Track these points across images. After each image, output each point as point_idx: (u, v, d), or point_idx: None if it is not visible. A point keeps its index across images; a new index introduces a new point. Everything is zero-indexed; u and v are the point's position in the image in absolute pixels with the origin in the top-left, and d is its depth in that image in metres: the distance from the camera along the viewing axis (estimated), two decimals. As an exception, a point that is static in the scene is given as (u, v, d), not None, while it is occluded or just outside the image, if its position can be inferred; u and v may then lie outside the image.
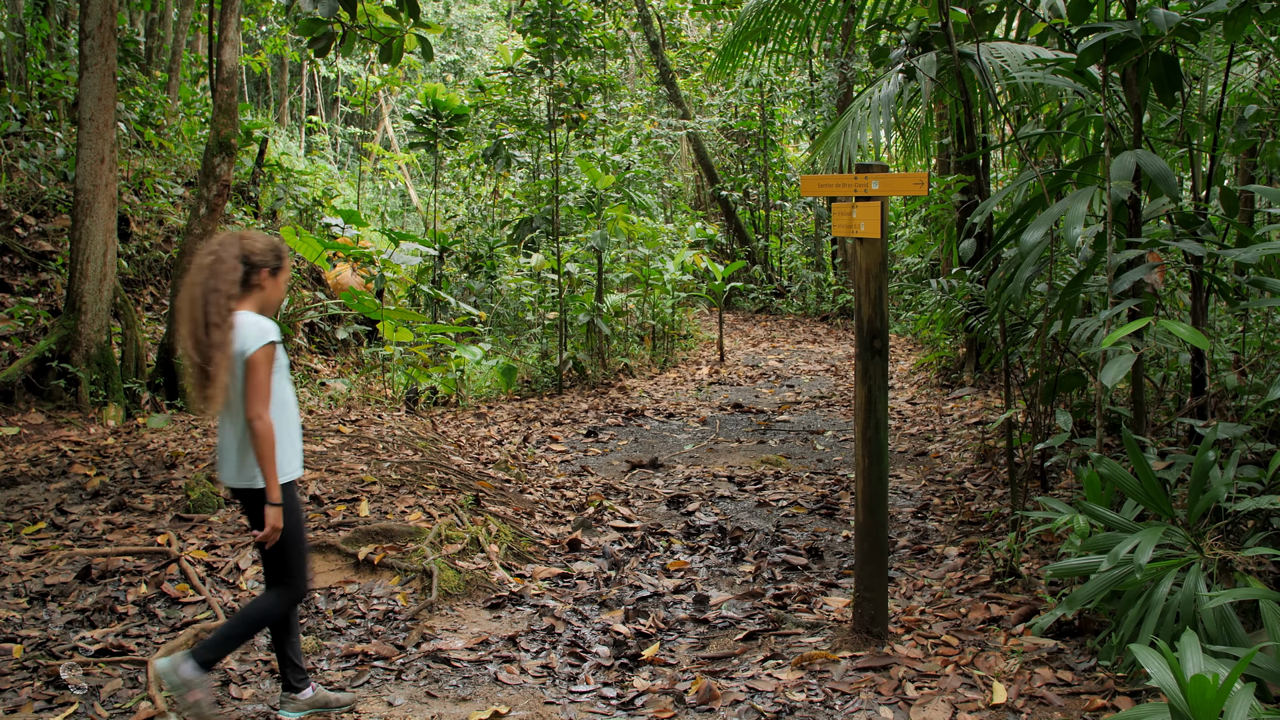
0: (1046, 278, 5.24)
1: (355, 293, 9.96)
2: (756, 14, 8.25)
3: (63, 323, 7.92)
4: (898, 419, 9.72)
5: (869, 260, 4.27)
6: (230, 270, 3.68)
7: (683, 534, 6.45)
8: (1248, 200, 6.54)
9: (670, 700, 4.06)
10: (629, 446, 9.01)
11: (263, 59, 18.86)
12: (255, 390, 3.63)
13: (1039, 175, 4.84)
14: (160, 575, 5.01)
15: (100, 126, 7.82)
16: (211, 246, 3.76)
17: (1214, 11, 4.10)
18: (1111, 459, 4.19)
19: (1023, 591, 4.79)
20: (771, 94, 20.25)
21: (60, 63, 11.43)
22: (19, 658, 4.23)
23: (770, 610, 5.01)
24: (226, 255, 3.71)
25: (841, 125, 7.66)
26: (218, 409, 3.68)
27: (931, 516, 6.55)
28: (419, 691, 4.18)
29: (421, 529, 5.69)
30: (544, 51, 11.81)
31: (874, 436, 4.34)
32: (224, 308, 3.63)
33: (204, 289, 3.64)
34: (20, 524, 5.57)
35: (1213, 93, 6.51)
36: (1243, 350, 5.73)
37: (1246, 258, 4.06)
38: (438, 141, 14.22)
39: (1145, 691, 3.64)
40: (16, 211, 9.46)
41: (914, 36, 6.49)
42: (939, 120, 11.04)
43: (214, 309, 3.61)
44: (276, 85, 27.16)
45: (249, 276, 3.76)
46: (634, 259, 13.70)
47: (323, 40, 7.36)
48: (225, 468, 3.79)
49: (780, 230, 21.59)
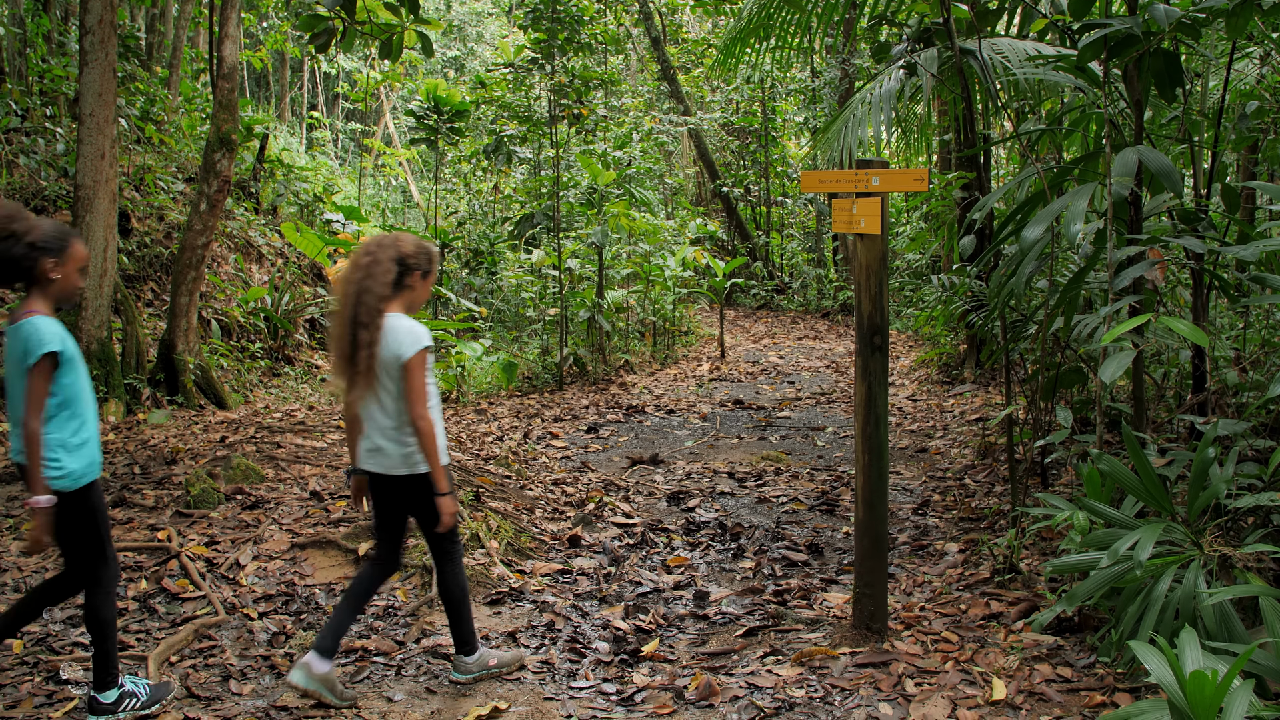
0: (1047, 274, 5.24)
1: (356, 289, 9.94)
2: (758, 10, 8.24)
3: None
4: (898, 415, 9.72)
5: (869, 256, 4.26)
6: (385, 272, 3.83)
7: (683, 530, 6.46)
8: (1249, 197, 6.53)
9: (670, 696, 4.06)
10: (629, 443, 9.01)
11: (264, 55, 18.86)
12: (416, 393, 3.83)
13: (1040, 171, 4.83)
14: (160, 571, 5.02)
15: (101, 122, 7.82)
16: (368, 247, 3.91)
17: (1215, 7, 4.10)
18: (1112, 455, 4.19)
19: (1022, 588, 4.79)
20: (773, 90, 20.23)
21: (61, 58, 11.43)
22: (19, 653, 4.24)
23: (770, 606, 5.01)
24: (383, 257, 3.85)
25: (842, 120, 7.65)
26: (359, 405, 3.90)
27: (932, 513, 6.55)
28: (419, 687, 4.18)
29: (422, 525, 5.69)
30: (545, 47, 11.80)
31: (874, 433, 4.34)
32: (375, 308, 3.80)
33: (358, 288, 3.80)
34: (20, 520, 5.57)
35: (1214, 89, 6.51)
36: (1243, 347, 5.72)
37: (1247, 254, 4.06)
38: (439, 137, 14.21)
39: (1145, 688, 3.64)
40: (17, 207, 9.46)
41: (915, 32, 6.49)
42: (940, 116, 11.03)
43: (364, 309, 3.78)
44: (277, 81, 27.15)
45: (402, 278, 3.92)
46: (635, 255, 13.70)
47: (323, 36, 7.36)
48: (375, 459, 3.95)
49: (781, 226, 21.58)
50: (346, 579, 5.18)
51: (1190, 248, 4.34)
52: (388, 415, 3.91)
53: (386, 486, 4.01)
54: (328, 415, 8.14)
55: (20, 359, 3.55)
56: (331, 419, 7.97)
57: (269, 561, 5.27)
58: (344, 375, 3.89)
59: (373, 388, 3.85)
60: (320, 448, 6.91)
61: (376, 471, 3.97)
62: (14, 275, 3.62)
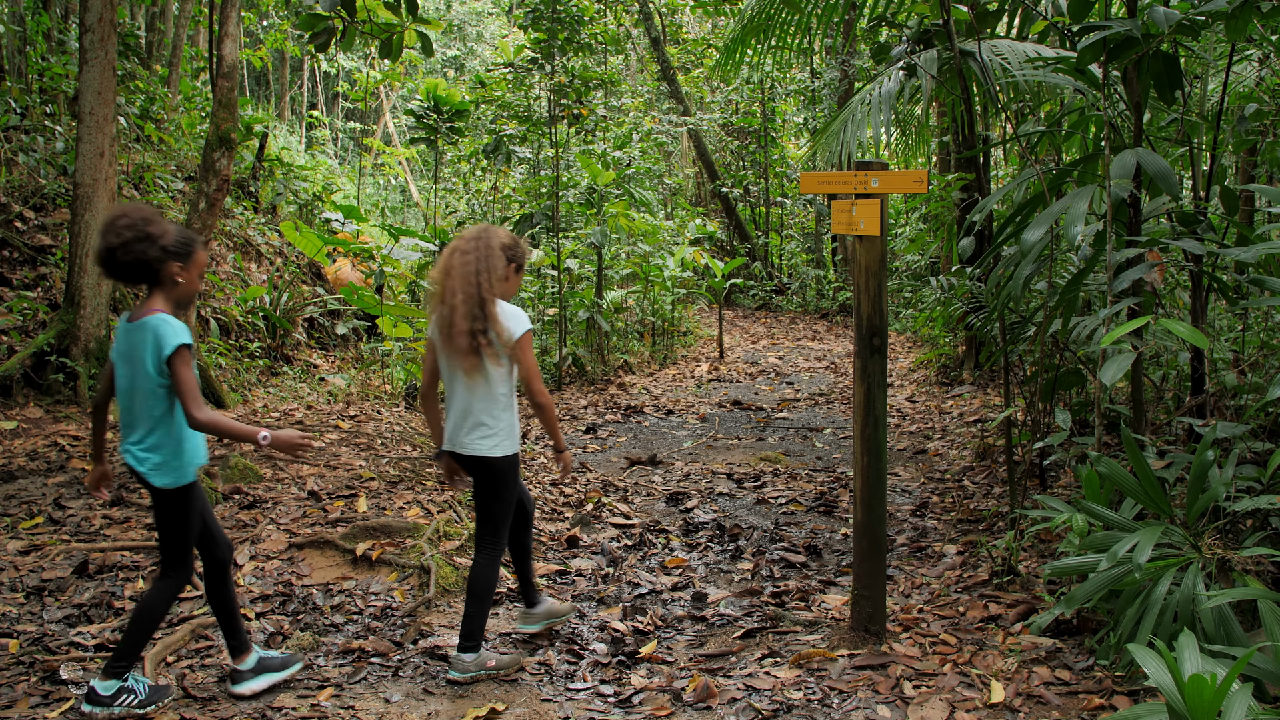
0: (1046, 276, 5.23)
1: (355, 288, 9.95)
2: (758, 10, 8.24)
3: (62, 317, 7.92)
4: (897, 417, 9.72)
5: (868, 258, 4.26)
6: (497, 259, 4.07)
7: (681, 531, 6.45)
8: (1248, 199, 6.53)
9: (668, 698, 4.06)
10: (628, 443, 9.01)
11: (263, 54, 18.84)
12: (530, 370, 4.11)
13: (1039, 173, 4.83)
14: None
15: (100, 121, 7.81)
16: (473, 235, 4.11)
17: (1215, 10, 4.09)
18: (1110, 458, 4.19)
19: (1021, 590, 4.78)
20: (772, 91, 20.24)
21: (60, 57, 11.41)
22: (15, 653, 4.23)
23: (768, 608, 5.01)
24: (494, 245, 4.08)
25: (841, 121, 7.65)
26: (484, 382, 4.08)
27: (930, 514, 6.54)
28: (416, 688, 4.17)
29: (419, 525, 5.69)
30: (545, 47, 11.79)
31: (873, 434, 4.34)
32: (492, 291, 4.02)
33: (475, 273, 4.00)
34: (18, 518, 5.56)
35: (1213, 91, 6.50)
36: (1242, 349, 5.72)
37: (1246, 257, 4.06)
38: (438, 137, 14.21)
39: (1143, 691, 3.63)
40: (16, 205, 9.45)
41: (915, 33, 6.48)
42: (939, 118, 11.03)
43: (486, 289, 4.00)
44: (277, 80, 27.15)
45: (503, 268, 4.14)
46: (634, 255, 13.69)
47: (323, 35, 7.35)
48: (463, 438, 4.14)
49: (780, 227, 21.57)
50: (344, 579, 5.18)
51: (1189, 250, 4.33)
52: (486, 398, 4.10)
53: (470, 466, 4.22)
54: (326, 415, 8.13)
55: (149, 354, 3.65)
56: (329, 419, 7.96)
57: (266, 561, 5.26)
58: (447, 354, 4.07)
59: (479, 369, 4.04)
60: (319, 447, 6.90)
61: (460, 453, 4.17)
62: (143, 276, 3.73)
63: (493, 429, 4.13)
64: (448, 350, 4.07)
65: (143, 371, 3.69)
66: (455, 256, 4.07)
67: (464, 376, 4.07)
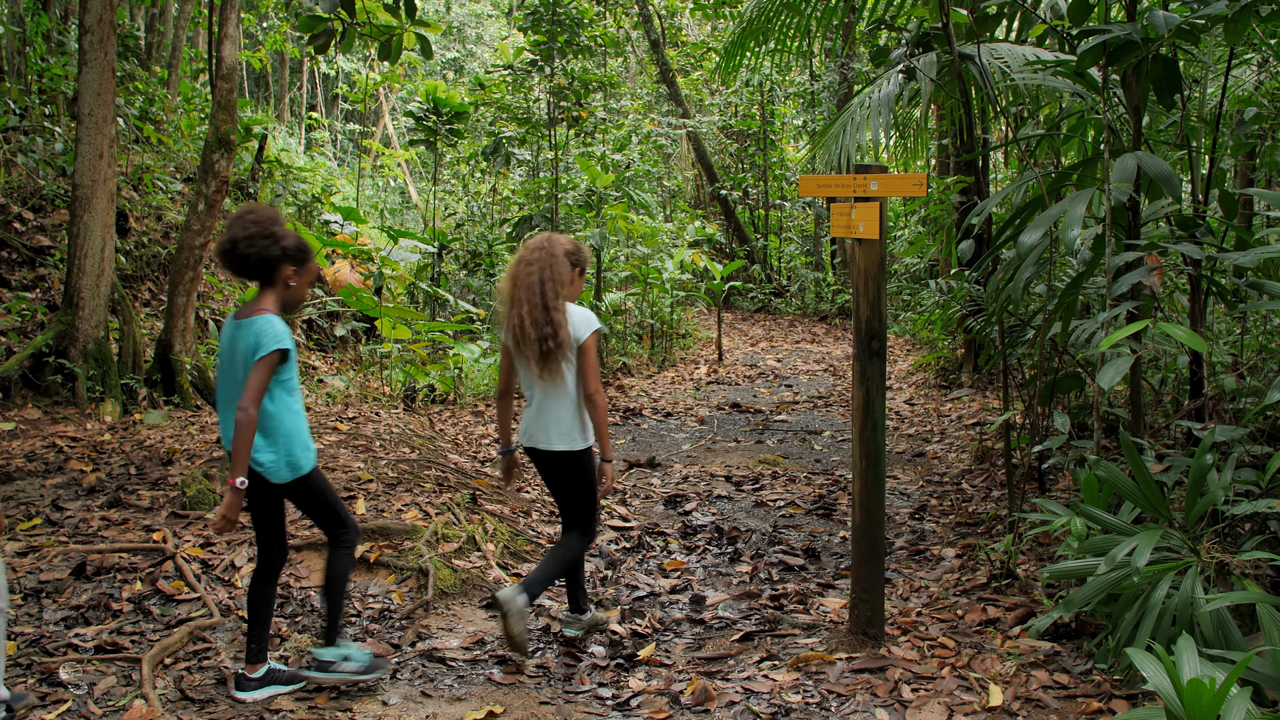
0: (1045, 279, 5.23)
1: (354, 290, 9.95)
2: (758, 13, 8.25)
3: (60, 318, 7.91)
4: (895, 420, 9.72)
5: (867, 261, 4.26)
6: (562, 265, 4.31)
7: (680, 534, 6.45)
8: (1247, 203, 6.54)
9: (666, 701, 4.05)
10: (626, 445, 9.00)
11: (263, 55, 18.85)
12: (591, 370, 4.34)
13: (1038, 177, 4.83)
14: (155, 572, 5.00)
15: (99, 122, 7.81)
16: (538, 244, 4.36)
17: (1214, 14, 4.10)
18: (1109, 461, 4.19)
19: (1019, 594, 4.78)
20: (772, 93, 20.25)
21: (60, 58, 11.41)
22: (13, 654, 4.22)
23: (767, 611, 5.00)
24: (558, 252, 4.32)
25: (840, 124, 7.65)
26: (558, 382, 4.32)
27: (929, 518, 6.54)
28: (414, 691, 4.17)
29: (418, 527, 5.68)
30: (544, 49, 11.80)
31: (871, 437, 4.33)
32: (560, 295, 4.28)
33: (540, 279, 4.26)
34: (16, 520, 5.56)
35: (1212, 95, 6.51)
36: (1241, 353, 5.72)
37: (1245, 261, 4.06)
38: (437, 139, 14.20)
39: (1142, 695, 3.63)
40: (15, 206, 9.45)
41: (914, 37, 6.48)
42: (939, 121, 11.04)
43: (551, 296, 4.25)
44: (276, 82, 27.15)
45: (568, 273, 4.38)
46: (633, 258, 13.69)
47: (323, 37, 7.36)
48: (542, 434, 4.39)
49: (779, 230, 21.58)
50: (342, 581, 5.17)
51: (1188, 254, 4.33)
52: (560, 396, 4.35)
53: (547, 461, 4.45)
54: (324, 416, 8.12)
55: (250, 351, 3.77)
56: (328, 420, 7.95)
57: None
58: (521, 358, 4.33)
59: (553, 369, 4.28)
60: (317, 449, 6.88)
61: (541, 448, 4.41)
62: (260, 273, 3.88)
63: (572, 424, 4.37)
64: (521, 355, 4.33)
65: (244, 367, 3.79)
66: (521, 267, 4.32)
67: (539, 378, 4.33)
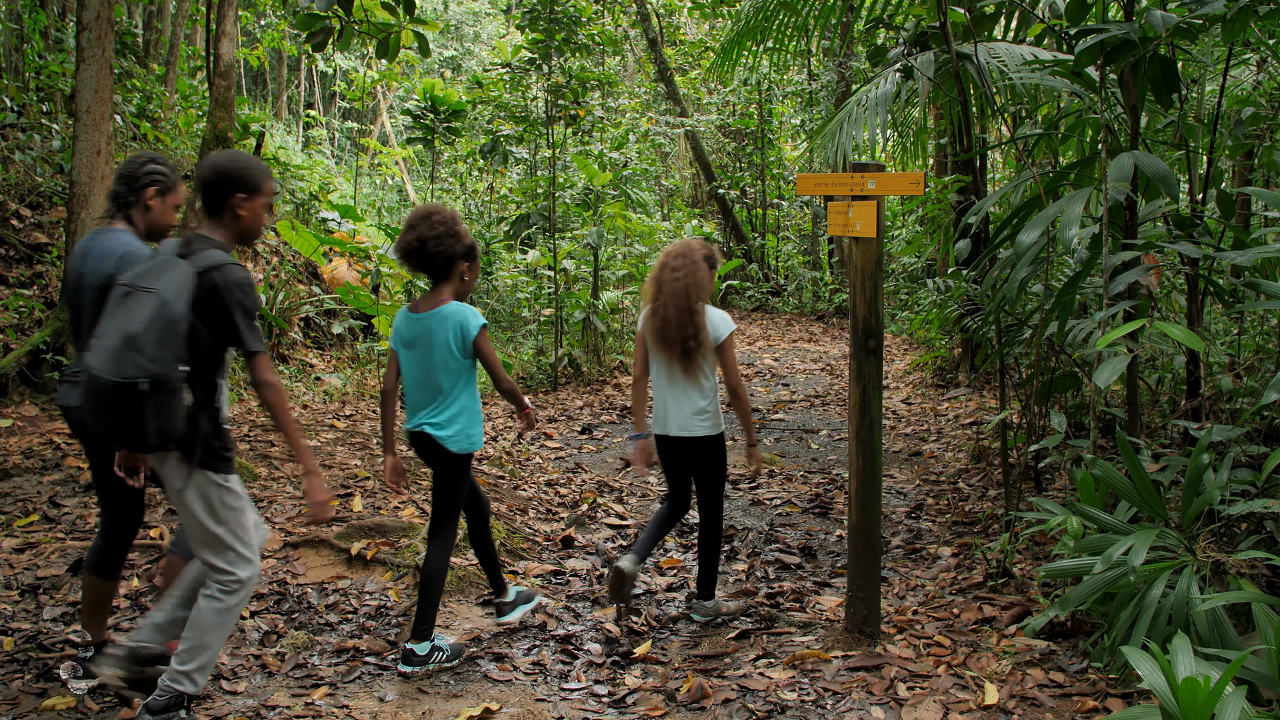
0: (1042, 279, 5.24)
1: (351, 287, 9.95)
2: (755, 12, 8.25)
3: (58, 315, 7.90)
4: (892, 419, 9.72)
5: (864, 260, 4.26)
6: (704, 271, 4.67)
7: (676, 532, 6.45)
8: (1244, 203, 6.54)
9: (662, 699, 4.06)
10: (623, 444, 9.00)
11: (260, 53, 18.82)
12: (733, 365, 4.71)
13: (1036, 176, 4.84)
14: (152, 569, 5.00)
15: (97, 119, 7.80)
16: (680, 250, 4.71)
17: (1212, 13, 4.10)
18: (1106, 461, 4.19)
19: (1015, 592, 4.79)
20: (769, 93, 20.24)
21: (57, 55, 11.39)
22: (10, 650, 4.22)
23: (763, 609, 5.01)
24: (699, 259, 4.68)
25: (837, 121, 7.65)
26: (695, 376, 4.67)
27: (925, 516, 6.55)
28: (410, 688, 4.17)
29: (414, 525, 5.68)
30: (542, 48, 11.79)
31: (868, 436, 4.34)
32: (702, 300, 4.63)
33: (685, 288, 4.60)
34: (12, 516, 5.55)
35: (1210, 95, 6.52)
36: (1238, 353, 5.73)
37: (1242, 260, 4.06)
38: (435, 137, 14.21)
39: (1137, 693, 3.64)
40: (12, 203, 9.44)
41: (912, 36, 6.48)
42: (936, 120, 11.03)
43: (694, 301, 4.60)
44: (274, 79, 27.13)
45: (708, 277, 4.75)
46: (630, 256, 13.69)
47: (320, 35, 7.34)
48: (682, 422, 4.72)
49: (777, 229, 21.58)
50: (339, 578, 5.17)
51: (1185, 253, 4.34)
52: (699, 389, 4.70)
53: (682, 447, 4.79)
54: (321, 414, 8.12)
55: (452, 337, 4.21)
56: (325, 418, 7.95)
57: (262, 560, 5.24)
58: (661, 354, 4.69)
59: (693, 366, 4.63)
60: (314, 446, 6.89)
61: (677, 435, 4.74)
62: (439, 269, 4.25)
63: (707, 412, 4.73)
64: (664, 352, 4.68)
65: (444, 353, 4.22)
66: (666, 273, 4.68)
67: (681, 373, 4.68)
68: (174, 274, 3.35)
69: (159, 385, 3.23)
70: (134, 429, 3.26)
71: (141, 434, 3.27)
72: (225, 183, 3.59)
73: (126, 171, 3.93)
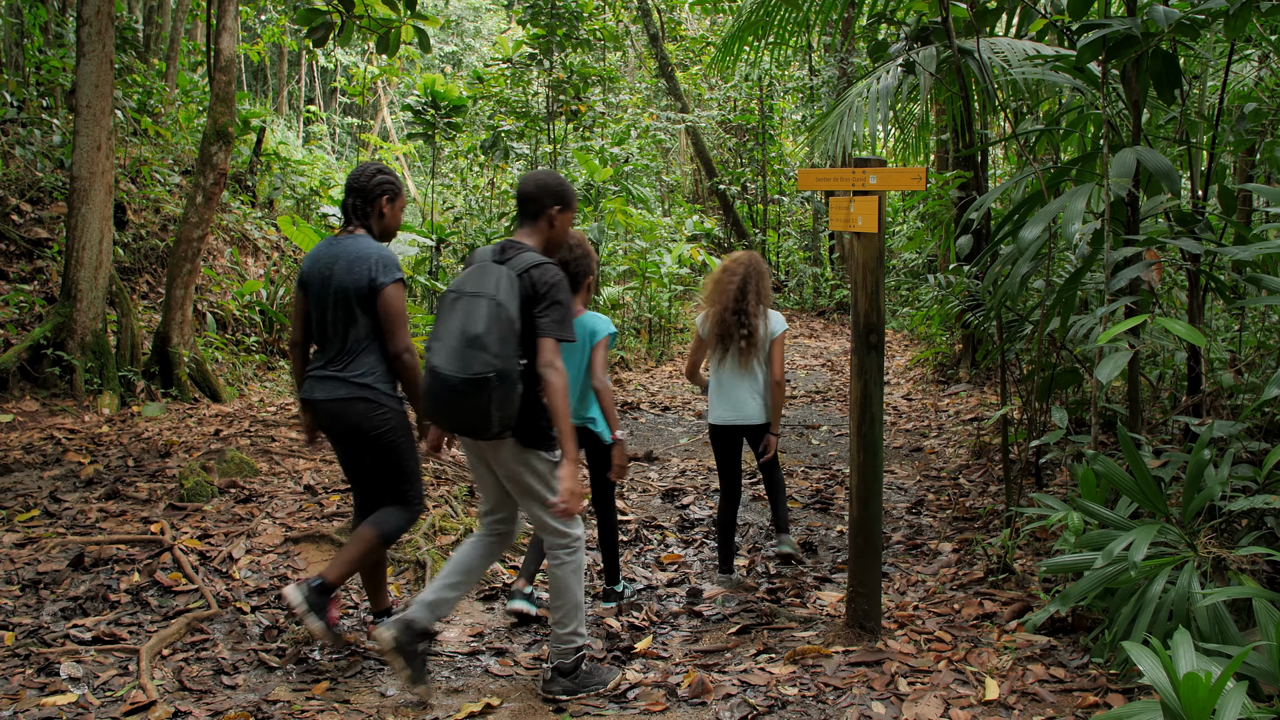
0: (1044, 274, 5.23)
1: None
2: (757, 7, 8.24)
3: (58, 310, 7.91)
4: (893, 414, 9.72)
5: (866, 255, 4.26)
6: (767, 276, 5.42)
7: (677, 527, 6.45)
8: (1246, 199, 6.54)
9: (662, 693, 4.06)
10: (624, 439, 9.00)
11: (261, 48, 18.81)
12: (777, 360, 5.32)
13: (1037, 172, 4.83)
14: (153, 564, 5.00)
15: (97, 114, 7.80)
16: (745, 260, 5.40)
17: (1214, 9, 4.09)
18: (1107, 456, 4.19)
19: (1016, 588, 4.79)
20: (770, 88, 20.22)
21: (58, 50, 11.39)
22: (11, 645, 4.22)
23: (764, 604, 5.01)
24: (765, 270, 5.39)
25: (838, 114, 7.65)
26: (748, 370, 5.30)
27: (926, 512, 6.55)
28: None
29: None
30: (543, 43, 11.78)
31: (869, 432, 4.34)
32: (762, 304, 5.32)
33: (743, 289, 5.29)
34: (14, 511, 5.56)
35: (1212, 90, 6.51)
36: (1239, 349, 5.73)
37: (1244, 256, 4.06)
38: (436, 132, 14.19)
39: (1138, 689, 3.64)
40: (13, 198, 9.44)
41: (914, 31, 6.48)
42: (938, 116, 11.02)
43: (753, 304, 5.28)
44: (275, 74, 27.12)
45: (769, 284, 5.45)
46: (631, 252, 13.69)
47: (321, 30, 7.34)
48: (740, 410, 5.32)
49: (778, 225, 21.57)
50: (340, 574, 5.17)
51: (1187, 249, 4.33)
52: (756, 380, 5.33)
53: (738, 434, 5.42)
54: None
55: (590, 336, 4.70)
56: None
57: (262, 555, 5.26)
58: (719, 349, 5.36)
59: (747, 361, 5.26)
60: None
61: (734, 423, 5.34)
62: (577, 284, 4.74)
63: (762, 402, 5.35)
64: (720, 346, 5.35)
65: (583, 350, 4.71)
66: (725, 275, 5.35)
67: (739, 367, 5.30)
68: (499, 278, 3.71)
69: (503, 378, 3.62)
70: (480, 419, 3.64)
71: (486, 423, 3.64)
72: (545, 196, 3.97)
73: (358, 184, 4.22)
